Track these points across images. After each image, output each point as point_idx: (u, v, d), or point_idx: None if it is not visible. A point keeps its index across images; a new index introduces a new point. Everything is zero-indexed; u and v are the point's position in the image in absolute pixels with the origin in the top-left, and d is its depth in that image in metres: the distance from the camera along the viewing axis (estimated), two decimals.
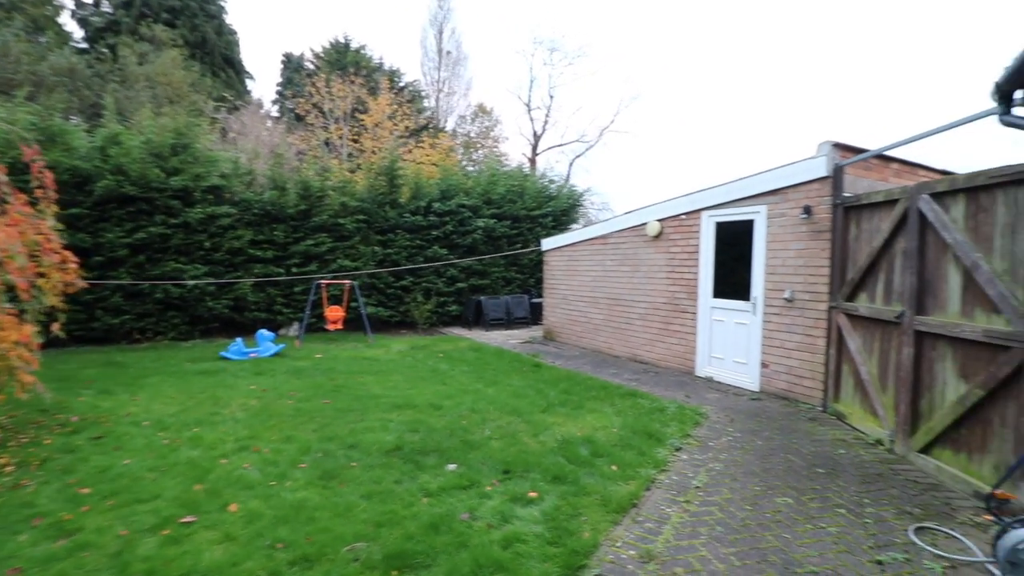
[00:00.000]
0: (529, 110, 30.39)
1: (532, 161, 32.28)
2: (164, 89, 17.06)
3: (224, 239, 10.62)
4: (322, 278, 11.16)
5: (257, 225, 11.01)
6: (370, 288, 12.22)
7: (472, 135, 36.36)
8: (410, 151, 15.90)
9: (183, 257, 10.24)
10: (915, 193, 4.23)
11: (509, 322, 13.14)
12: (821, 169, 5.57)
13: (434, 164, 14.15)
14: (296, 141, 14.86)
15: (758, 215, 6.36)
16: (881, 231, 4.70)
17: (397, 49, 43.24)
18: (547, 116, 31.16)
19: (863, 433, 4.83)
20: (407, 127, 16.70)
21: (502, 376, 7.40)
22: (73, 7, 21.24)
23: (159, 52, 18.55)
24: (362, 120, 16.14)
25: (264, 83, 48.83)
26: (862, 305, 4.98)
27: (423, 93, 35.18)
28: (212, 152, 10.92)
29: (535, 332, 12.01)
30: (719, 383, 6.88)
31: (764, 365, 6.29)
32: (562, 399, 6.00)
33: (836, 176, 5.50)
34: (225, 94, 15.21)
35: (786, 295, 5.97)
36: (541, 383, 6.86)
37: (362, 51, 33.41)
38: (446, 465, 3.94)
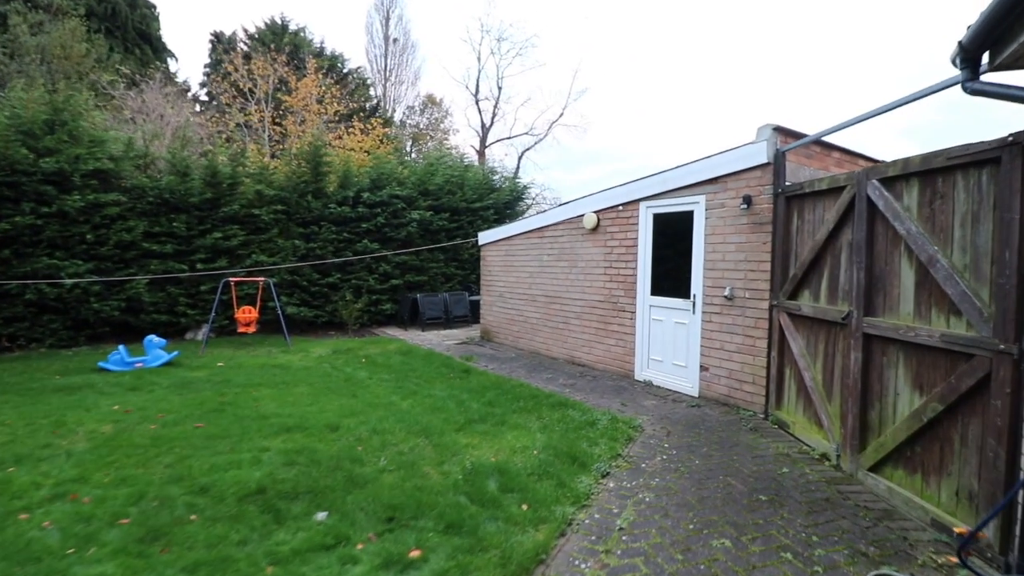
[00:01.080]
0: (476, 100, 29.46)
1: (481, 154, 31.43)
2: (60, 63, 15.09)
3: (112, 231, 9.26)
4: (233, 275, 9.98)
5: (153, 215, 9.69)
6: (292, 286, 11.11)
7: (421, 127, 35.09)
8: (339, 137, 14.72)
9: (60, 252, 8.82)
10: (863, 178, 3.76)
11: (448, 321, 12.35)
12: (761, 155, 5.10)
13: (366, 151, 13.11)
14: (208, 122, 13.40)
15: (697, 206, 5.85)
16: (826, 222, 4.24)
17: (342, 34, 41.20)
18: (495, 108, 30.34)
19: (808, 446, 4.38)
20: (337, 111, 15.50)
21: (425, 385, 6.63)
22: None
23: (57, 23, 16.44)
24: (286, 102, 14.79)
25: (194, 64, 45.45)
26: (805, 304, 4.53)
27: (368, 80, 33.62)
28: (97, 131, 9.49)
29: (474, 332, 11.27)
30: (658, 388, 6.37)
31: (704, 369, 5.82)
32: (485, 412, 5.29)
33: (777, 163, 5.03)
34: (127, 70, 13.50)
35: (726, 293, 5.49)
36: (466, 392, 6.13)
37: (301, 33, 31.46)
38: (315, 513, 3.14)
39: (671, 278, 6.26)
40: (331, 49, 32.29)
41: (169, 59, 27.06)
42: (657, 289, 6.43)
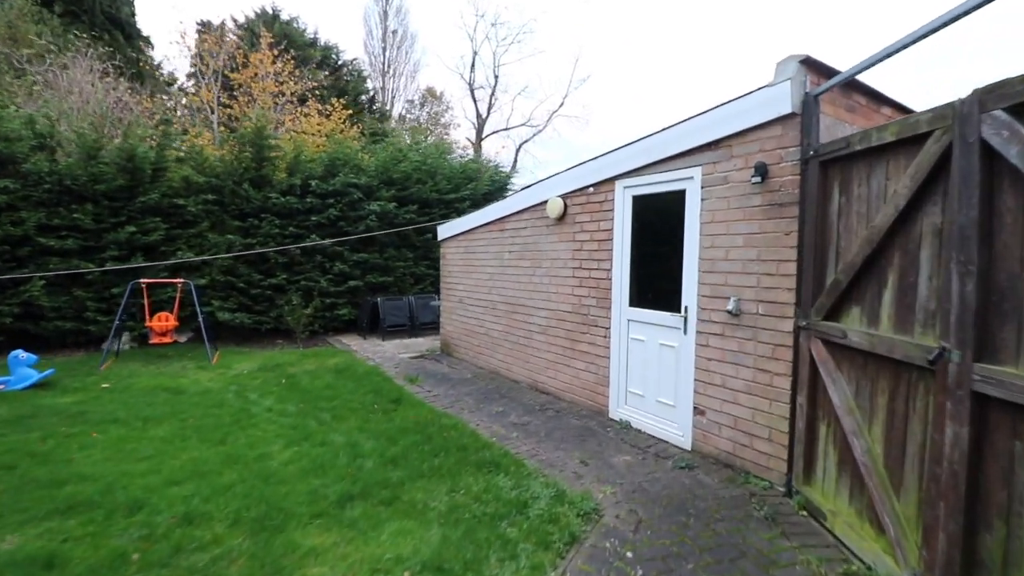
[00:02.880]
0: (472, 90, 27.92)
1: (477, 147, 29.91)
2: (7, 44, 13.73)
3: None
4: (145, 275, 8.48)
5: (52, 205, 8.20)
6: (227, 288, 9.59)
7: (421, 121, 33.74)
8: (293, 119, 13.18)
9: None
10: (971, 110, 2.08)
11: (413, 329, 10.77)
12: (784, 102, 3.41)
13: (324, 135, 11.59)
14: (142, 102, 11.95)
15: (690, 183, 4.18)
16: (893, 197, 2.56)
17: (339, 26, 39.79)
18: (492, 98, 28.75)
19: (860, 561, 2.70)
20: (295, 92, 13.97)
21: (332, 422, 5.06)
22: None
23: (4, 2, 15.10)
24: (233, 79, 13.29)
25: (180, 54, 44.15)
26: (854, 328, 2.85)
27: (364, 73, 32.33)
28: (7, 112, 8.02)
29: (438, 343, 9.68)
30: (637, 432, 4.70)
31: (698, 411, 4.14)
32: (379, 477, 3.69)
33: (807, 114, 3.35)
34: (54, 45, 12.10)
35: (730, 306, 3.81)
36: (375, 439, 4.54)
37: (293, 23, 30.17)
38: None
39: (656, 284, 4.59)
40: (325, 40, 31.03)
41: (149, 48, 25.81)
42: (638, 298, 4.76)
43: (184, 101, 13.40)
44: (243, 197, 9.58)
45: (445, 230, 8.28)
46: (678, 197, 4.31)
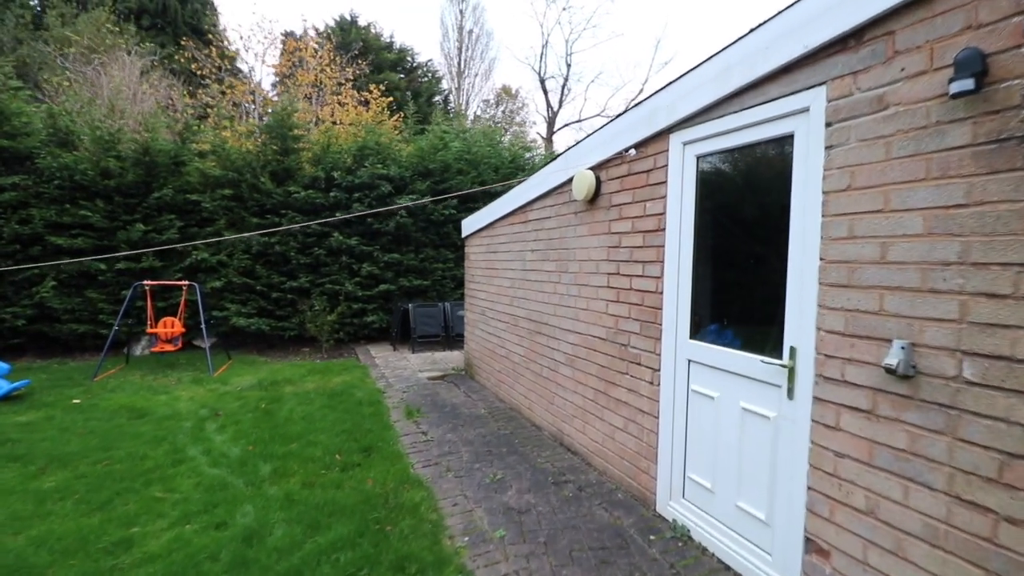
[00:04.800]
0: (542, 81, 26.28)
1: (548, 141, 28.32)
2: (82, 52, 14.29)
3: (8, 221, 7.42)
4: (173, 276, 7.81)
5: (64, 202, 7.74)
6: (244, 291, 8.75)
7: (496, 120, 32.98)
8: (332, 110, 12.32)
9: None
10: None
11: (448, 339, 9.39)
12: None
13: (361, 126, 10.57)
14: (184, 97, 11.71)
15: (802, 120, 2.26)
16: None
17: (417, 30, 40.07)
18: (564, 88, 26.95)
19: None
20: (333, 79, 13.12)
21: (269, 480, 3.76)
22: None
23: (86, 14, 15.91)
24: (276, 68, 12.75)
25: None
26: None
27: (439, 74, 32.16)
28: (19, 106, 7.71)
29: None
30: (701, 551, 2.81)
31: (815, 548, 2.20)
32: None
33: None
34: (87, 40, 12.25)
35: (892, 357, 1.86)
36: (294, 522, 3.10)
37: (369, 28, 30.61)
38: None
39: (736, 304, 2.70)
40: (400, 43, 31.19)
41: (226, 50, 27.02)
42: (705, 327, 2.88)
43: (227, 96, 13.07)
44: (263, 192, 8.69)
45: (468, 224, 6.75)
46: (778, 150, 2.41)
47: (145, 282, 7.36)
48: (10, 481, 3.73)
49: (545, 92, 27.14)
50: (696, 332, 2.91)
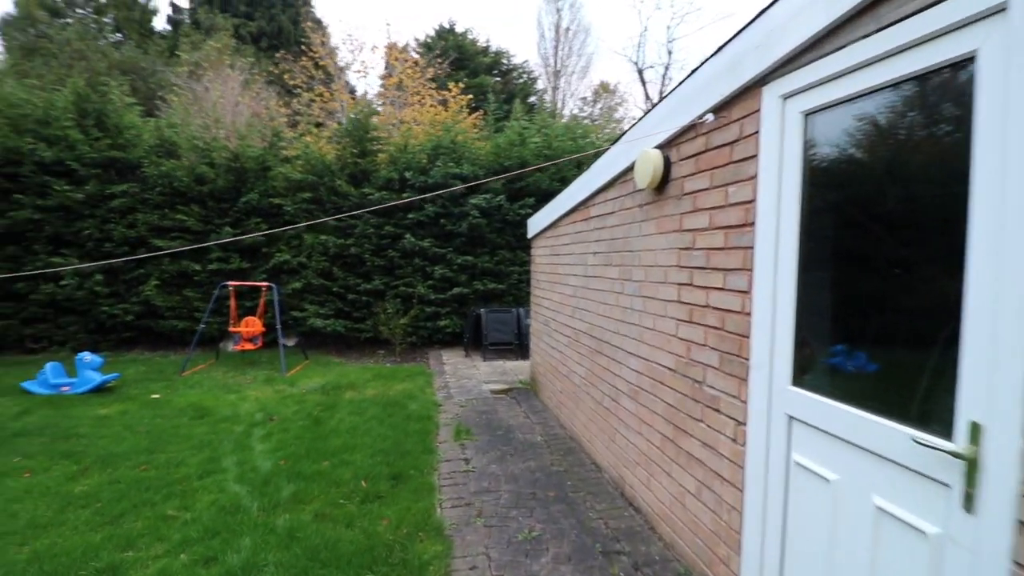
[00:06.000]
0: (640, 71, 24.82)
1: None
2: (207, 74, 15.88)
3: (118, 225, 8.11)
4: (244, 277, 8.11)
5: (164, 207, 8.31)
6: (322, 292, 8.86)
7: (594, 118, 32.19)
8: (419, 103, 12.21)
9: (68, 249, 7.93)
10: None
11: (522, 347, 8.78)
12: None
13: (433, 123, 10.35)
14: (280, 107, 12.31)
15: (997, 26, 1.27)
16: None
17: (513, 33, 40.27)
18: (664, 78, 25.21)
19: None
20: (414, 77, 13.04)
21: (284, 505, 3.46)
22: (170, 11, 21.93)
23: (213, 39, 17.66)
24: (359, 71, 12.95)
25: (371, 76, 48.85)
26: None
27: (534, 75, 32.06)
28: (124, 119, 8.47)
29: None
30: None
31: None
32: None
33: None
34: (190, 60, 13.32)
35: None
36: (283, 569, 2.63)
37: (466, 34, 31.32)
38: None
39: (865, 336, 1.73)
40: (496, 47, 31.50)
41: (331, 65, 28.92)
42: (817, 368, 1.93)
43: (316, 103, 13.62)
44: (340, 194, 8.73)
45: (533, 223, 6.07)
46: (944, 87, 1.43)
47: (229, 283, 7.64)
48: (51, 481, 3.75)
49: (643, 83, 25.63)
50: (801, 376, 1.96)
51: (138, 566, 2.76)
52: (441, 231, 9.02)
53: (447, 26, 30.50)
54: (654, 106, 2.98)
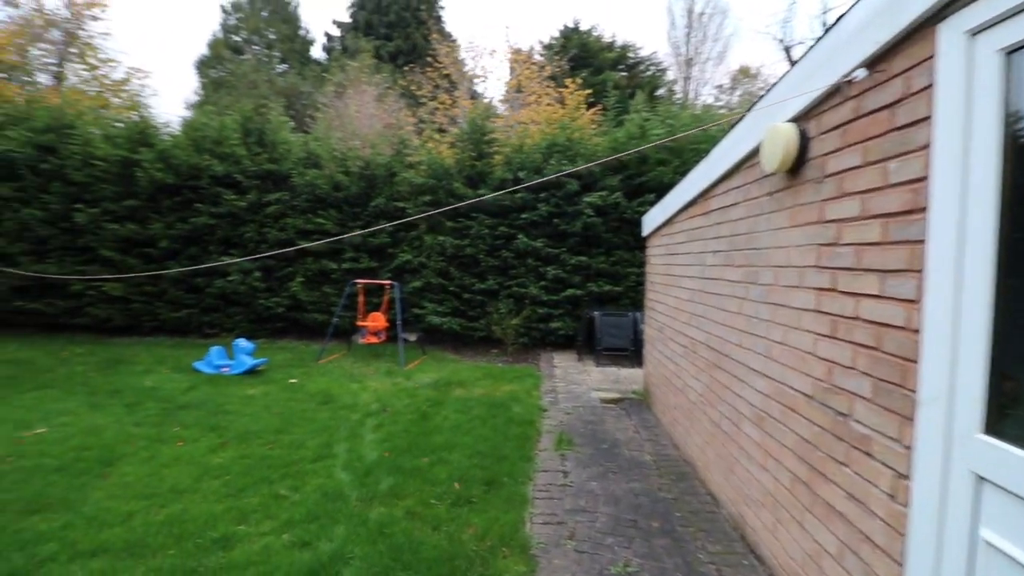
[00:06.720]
0: (787, 49, 22.14)
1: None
2: (348, 92, 17.62)
3: (272, 229, 9.21)
4: (373, 275, 8.76)
5: (308, 212, 9.26)
6: (440, 291, 9.20)
7: (732, 106, 30.02)
8: (536, 102, 12.02)
9: (235, 249, 9.20)
10: None
11: (638, 354, 8.24)
12: None
13: (549, 121, 10.16)
14: (408, 117, 13.01)
15: None
16: None
17: (640, 25, 38.89)
18: None
19: None
20: (531, 78, 12.87)
21: (371, 504, 3.48)
22: (325, 40, 24.81)
23: (356, 60, 19.55)
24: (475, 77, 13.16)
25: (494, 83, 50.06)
26: None
27: (663, 66, 30.74)
28: (281, 136, 9.62)
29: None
30: None
31: None
32: None
33: None
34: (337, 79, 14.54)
35: None
36: None
37: (591, 31, 31.05)
38: None
39: None
40: (622, 42, 30.72)
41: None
42: (1022, 408, 1.35)
43: (439, 111, 14.23)
44: (457, 196, 8.98)
45: (648, 220, 5.60)
46: None
47: (358, 280, 8.26)
48: (196, 451, 4.26)
49: (792, 63, 22.93)
50: (999, 420, 1.39)
51: (247, 541, 2.96)
52: (554, 231, 8.83)
53: (571, 26, 30.34)
54: (784, 75, 2.45)
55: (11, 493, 3.40)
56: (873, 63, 1.83)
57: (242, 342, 7.13)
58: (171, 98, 24.99)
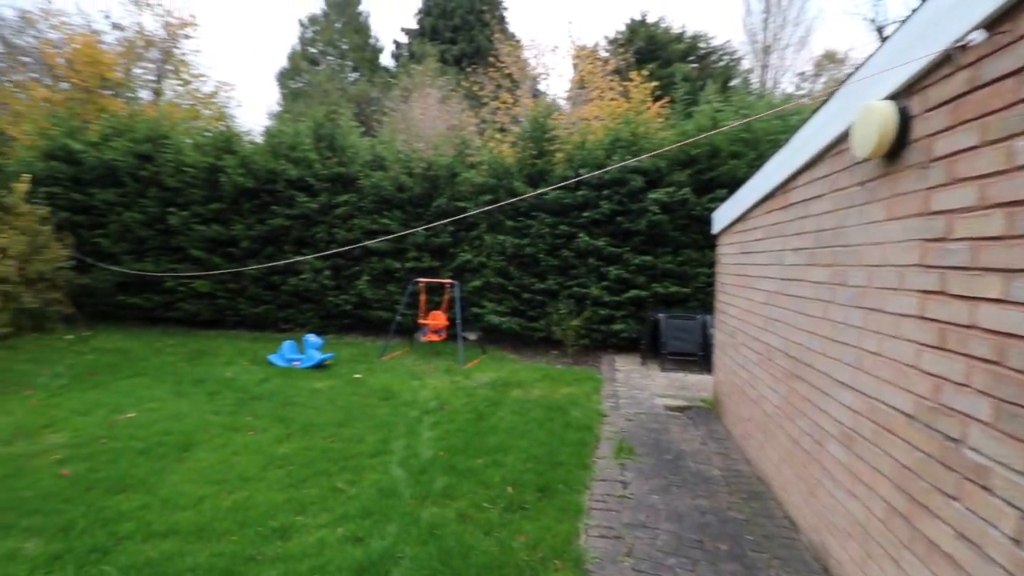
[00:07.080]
0: (879, 29, 20.24)
1: None
2: (413, 95, 18.09)
3: (340, 229, 9.57)
4: (434, 275, 8.89)
5: (374, 213, 9.54)
6: (500, 291, 9.17)
7: (815, 94, 28.14)
8: (599, 96, 11.63)
9: (307, 249, 9.66)
10: None
11: (707, 360, 7.79)
12: None
13: (613, 116, 9.84)
14: (470, 117, 13.05)
15: None
16: None
17: (713, 11, 37.21)
18: None
19: None
20: (593, 73, 12.46)
21: (424, 503, 3.45)
22: (393, 47, 25.68)
23: (422, 65, 20.03)
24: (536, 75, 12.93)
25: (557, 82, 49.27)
26: None
27: (736, 54, 29.25)
28: (350, 140, 9.99)
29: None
30: None
31: None
32: None
33: None
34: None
35: None
36: None
37: (658, 23, 30.04)
38: None
39: None
40: (693, 31, 29.51)
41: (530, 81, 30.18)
42: None
43: (500, 111, 14.21)
44: (517, 195, 8.91)
45: (719, 217, 5.24)
46: None
47: (419, 279, 8.40)
48: (264, 441, 4.45)
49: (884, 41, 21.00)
50: None
51: (304, 532, 3.02)
52: (618, 229, 8.54)
53: (638, 19, 29.46)
54: (878, 48, 2.13)
55: (101, 472, 3.70)
56: (993, 24, 1.52)
57: (311, 337, 7.46)
58: (256, 109, 26.88)
